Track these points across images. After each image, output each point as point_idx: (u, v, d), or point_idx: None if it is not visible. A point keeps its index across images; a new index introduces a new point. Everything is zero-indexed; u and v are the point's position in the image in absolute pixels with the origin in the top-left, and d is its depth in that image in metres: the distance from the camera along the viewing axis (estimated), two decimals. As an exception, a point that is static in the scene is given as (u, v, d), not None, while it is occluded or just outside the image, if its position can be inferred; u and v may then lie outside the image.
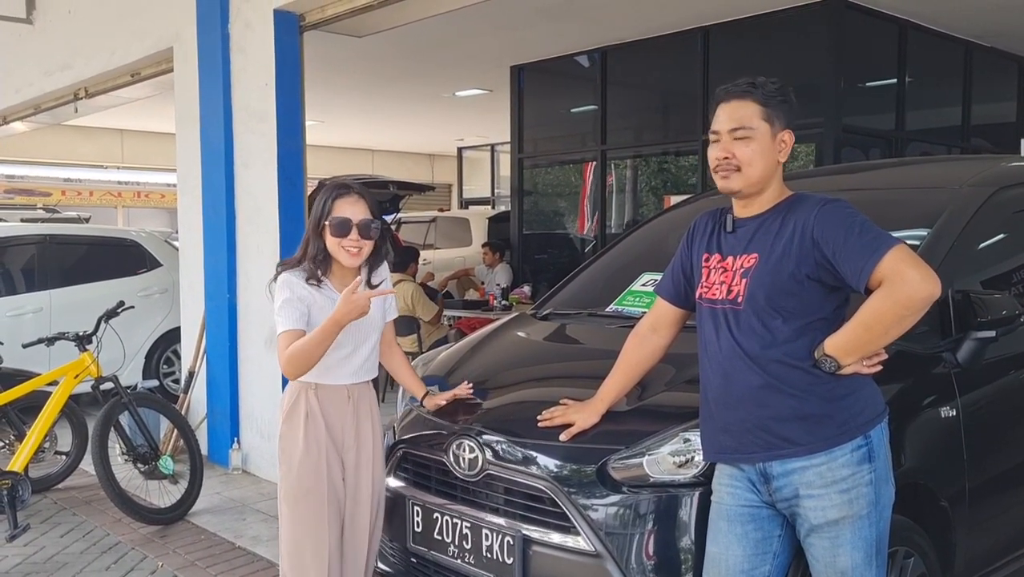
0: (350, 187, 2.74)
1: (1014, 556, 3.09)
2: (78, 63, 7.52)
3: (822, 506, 2.12)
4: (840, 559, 2.12)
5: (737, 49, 7.73)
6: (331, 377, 2.74)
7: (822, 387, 2.12)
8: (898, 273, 1.99)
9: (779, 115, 2.18)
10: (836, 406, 2.12)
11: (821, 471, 2.11)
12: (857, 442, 2.13)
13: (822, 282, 2.12)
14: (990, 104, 9.07)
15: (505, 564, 2.59)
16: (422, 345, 7.10)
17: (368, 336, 2.78)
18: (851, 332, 2.08)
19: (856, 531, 2.12)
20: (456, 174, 18.77)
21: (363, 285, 2.74)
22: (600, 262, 4.01)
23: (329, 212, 2.69)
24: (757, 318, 2.15)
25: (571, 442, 2.53)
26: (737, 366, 2.18)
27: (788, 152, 2.20)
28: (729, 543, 2.22)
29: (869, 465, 2.13)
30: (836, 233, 2.07)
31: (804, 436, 2.12)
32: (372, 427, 2.83)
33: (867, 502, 2.12)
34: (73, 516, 4.90)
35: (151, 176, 17.50)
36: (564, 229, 10.10)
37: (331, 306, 2.67)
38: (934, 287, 2.00)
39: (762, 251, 2.17)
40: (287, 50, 5.33)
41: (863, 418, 2.15)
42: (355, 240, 2.68)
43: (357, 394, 2.80)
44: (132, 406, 4.77)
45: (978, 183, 3.24)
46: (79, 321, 5.40)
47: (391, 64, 9.44)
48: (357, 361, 2.77)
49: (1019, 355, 3.07)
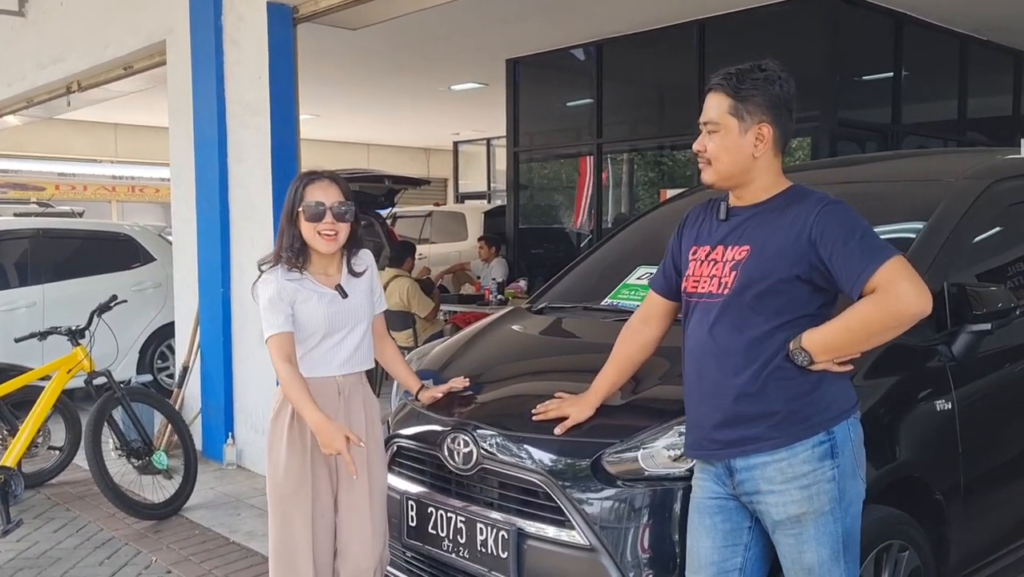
0: (321, 173, 2.72)
1: (1009, 549, 3.08)
2: (71, 56, 7.48)
3: (783, 502, 2.10)
4: (806, 555, 2.11)
5: (733, 42, 7.71)
6: (320, 369, 2.71)
7: (788, 384, 2.10)
8: (894, 284, 1.97)
9: (752, 108, 2.10)
10: (800, 403, 2.10)
11: (782, 467, 2.10)
12: (819, 438, 2.10)
13: (812, 283, 2.09)
14: (986, 98, 9.07)
15: (500, 558, 2.58)
16: (417, 340, 7.08)
17: (358, 324, 2.75)
18: (832, 331, 2.05)
19: (820, 527, 2.10)
20: (452, 168, 18.74)
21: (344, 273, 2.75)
22: (595, 256, 4.00)
23: (302, 198, 2.67)
24: (738, 312, 2.13)
25: (566, 436, 2.52)
26: (707, 361, 2.17)
27: (766, 146, 2.12)
28: (700, 535, 2.22)
29: (831, 461, 2.10)
30: (836, 236, 2.03)
31: (767, 432, 2.10)
32: (366, 422, 2.79)
33: (829, 498, 2.10)
34: (66, 511, 4.88)
35: (145, 170, 17.42)
36: (560, 223, 10.08)
37: (315, 299, 2.66)
38: (926, 305, 1.98)
39: (755, 244, 2.13)
40: (280, 43, 5.30)
41: (828, 414, 2.12)
42: (330, 224, 2.66)
43: (348, 389, 2.76)
44: (126, 401, 4.75)
45: (974, 176, 3.24)
46: (72, 316, 5.37)
47: (386, 58, 9.41)
48: (346, 350, 2.74)
49: (1014, 348, 3.06)
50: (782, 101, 2.12)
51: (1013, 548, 3.10)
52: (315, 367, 2.71)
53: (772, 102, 2.11)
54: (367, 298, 2.80)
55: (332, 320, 2.68)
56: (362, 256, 2.83)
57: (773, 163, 2.17)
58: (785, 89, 2.13)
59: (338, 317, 2.68)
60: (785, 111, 2.14)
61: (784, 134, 2.16)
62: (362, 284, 2.79)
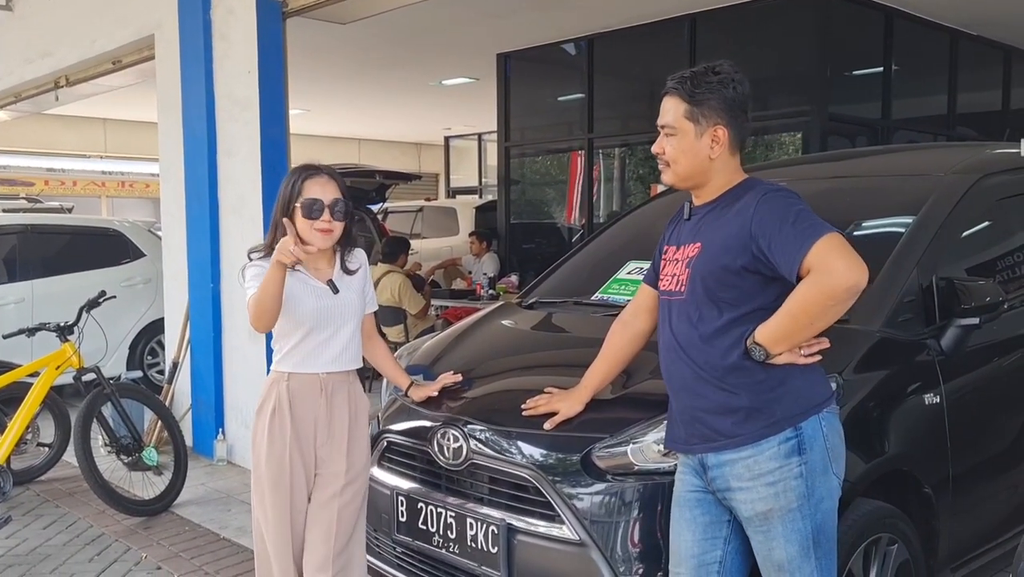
0: (319, 168, 2.69)
1: (997, 542, 3.10)
2: (59, 51, 7.43)
3: (751, 499, 2.10)
4: (775, 552, 2.11)
5: (724, 37, 7.72)
6: (306, 365, 2.69)
7: (751, 380, 2.09)
8: (825, 263, 1.96)
9: (707, 112, 2.13)
10: (765, 399, 2.09)
11: (748, 464, 2.09)
12: (786, 435, 2.09)
13: (760, 273, 2.09)
14: (976, 92, 9.10)
15: (490, 553, 2.58)
16: (408, 335, 7.08)
17: (346, 322, 2.72)
18: (778, 321, 2.05)
19: (787, 524, 2.09)
20: (443, 163, 18.70)
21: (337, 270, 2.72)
22: (586, 251, 4.00)
23: (299, 193, 2.63)
24: (696, 308, 2.14)
25: (556, 431, 2.52)
26: (673, 358, 2.19)
27: (722, 147, 2.14)
28: (680, 529, 2.23)
29: (799, 458, 2.09)
30: (771, 224, 2.04)
31: (733, 428, 2.11)
32: (350, 419, 2.73)
33: (797, 495, 2.08)
34: (56, 508, 4.86)
35: (135, 166, 17.34)
36: (551, 218, 10.08)
37: (307, 291, 2.64)
38: (859, 277, 1.96)
39: (705, 240, 2.16)
40: (270, 37, 5.28)
41: (795, 410, 2.10)
42: (327, 221, 2.63)
43: (332, 386, 2.71)
44: (115, 397, 4.73)
45: (963, 170, 3.25)
46: (61, 312, 5.34)
47: (376, 52, 9.38)
48: (335, 348, 2.70)
49: (1002, 342, 3.08)
50: (736, 103, 2.15)
51: (1001, 541, 3.12)
52: (301, 363, 2.68)
53: (726, 105, 2.14)
54: (358, 297, 2.77)
55: (320, 315, 2.65)
56: (356, 255, 2.80)
57: (730, 162, 2.19)
58: (739, 91, 2.15)
59: (326, 312, 2.66)
60: (740, 112, 2.16)
61: (739, 134, 2.18)
62: (354, 282, 2.76)
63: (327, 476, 2.71)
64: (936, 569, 2.79)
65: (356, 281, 2.77)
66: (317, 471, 2.72)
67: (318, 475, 2.72)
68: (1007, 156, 3.62)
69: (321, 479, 2.71)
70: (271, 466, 2.67)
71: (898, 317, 2.73)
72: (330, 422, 2.70)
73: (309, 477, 2.72)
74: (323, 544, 2.67)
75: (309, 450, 2.70)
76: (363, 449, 2.79)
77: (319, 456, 2.71)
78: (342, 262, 2.75)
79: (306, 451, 2.69)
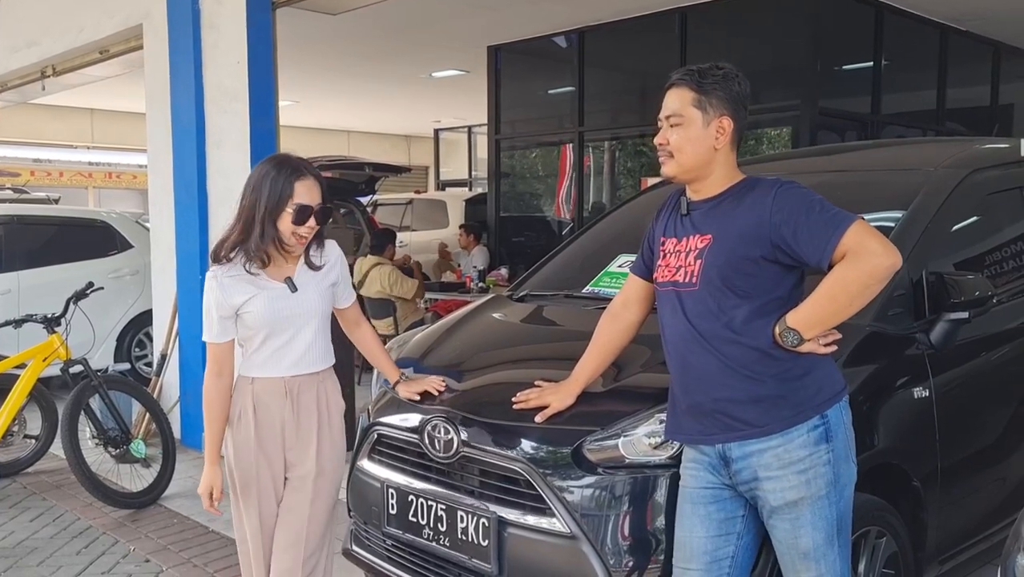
0: (305, 168, 2.54)
1: (984, 535, 3.12)
2: (45, 40, 7.36)
3: (780, 488, 2.12)
4: (802, 540, 2.13)
5: (714, 31, 7.72)
6: (267, 370, 2.58)
7: (778, 368, 2.12)
8: (862, 245, 2.03)
9: (714, 101, 2.18)
10: (791, 387, 2.13)
11: (778, 453, 2.12)
12: (813, 422, 2.13)
13: (778, 262, 2.13)
14: (965, 88, 9.13)
15: (480, 546, 2.58)
16: (398, 327, 7.07)
17: (307, 322, 2.58)
18: (815, 304, 2.09)
19: (816, 511, 2.12)
20: (433, 156, 18.67)
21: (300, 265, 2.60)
22: (577, 244, 4.00)
23: (290, 196, 2.48)
24: (712, 299, 2.16)
25: (547, 424, 2.52)
26: (693, 349, 2.19)
27: (727, 139, 2.19)
28: (692, 525, 2.23)
29: (827, 445, 2.13)
30: (796, 213, 2.08)
31: (760, 418, 2.12)
32: (319, 421, 2.62)
33: (825, 482, 2.13)
34: (43, 501, 4.84)
35: (122, 157, 17.20)
36: (541, 211, 10.08)
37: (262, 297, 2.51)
38: (896, 257, 2.05)
39: (716, 232, 2.18)
40: (260, 27, 5.24)
41: (820, 398, 2.15)
42: (312, 227, 2.52)
43: (298, 388, 2.59)
44: (103, 389, 4.71)
45: (952, 165, 3.26)
46: (48, 303, 5.30)
47: (367, 44, 9.34)
48: (296, 352, 2.57)
49: (991, 336, 3.10)
50: (740, 98, 2.21)
51: (989, 533, 3.13)
52: (263, 367, 2.58)
53: (732, 97, 2.20)
54: (323, 294, 2.62)
55: (275, 318, 2.53)
56: (328, 248, 2.66)
57: (730, 157, 2.23)
58: (743, 87, 2.22)
59: (282, 315, 2.53)
60: (742, 108, 2.22)
61: (741, 129, 2.24)
62: (319, 279, 2.62)
63: (295, 480, 2.62)
64: (924, 562, 2.80)
65: (324, 277, 2.63)
66: (287, 475, 2.63)
67: (288, 479, 2.63)
68: (996, 151, 3.64)
69: (290, 484, 2.63)
70: (239, 474, 2.61)
71: (888, 311, 2.74)
72: (297, 425, 2.59)
73: (278, 482, 2.63)
74: (292, 548, 2.60)
75: (277, 454, 2.60)
76: (335, 450, 2.67)
77: (288, 460, 2.62)
78: (307, 258, 2.61)
79: (274, 456, 2.60)
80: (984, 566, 3.29)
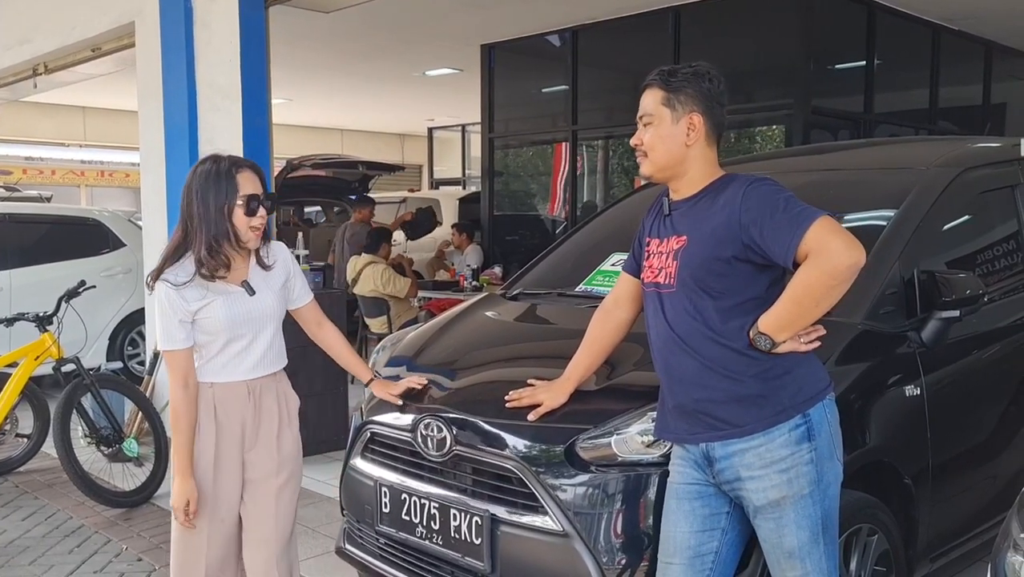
0: (242, 161, 2.52)
1: (975, 532, 3.14)
2: (37, 37, 7.34)
3: (763, 487, 2.12)
4: (786, 539, 2.14)
5: (707, 30, 7.72)
6: (227, 374, 2.55)
7: (757, 368, 2.12)
8: (823, 244, 2.00)
9: (683, 99, 2.18)
10: (772, 386, 2.12)
11: (760, 452, 2.12)
12: (795, 421, 2.12)
13: (751, 262, 2.12)
14: (957, 87, 9.16)
15: (473, 544, 2.58)
16: (392, 326, 7.06)
17: (265, 325, 2.57)
18: (782, 307, 2.08)
19: (800, 510, 2.12)
20: (427, 154, 18.64)
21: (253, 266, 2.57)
22: (570, 242, 4.00)
23: (237, 188, 2.44)
24: (689, 300, 2.16)
25: (539, 422, 2.52)
26: (674, 351, 2.20)
27: (698, 135, 2.19)
28: (677, 520, 2.24)
29: (809, 444, 2.13)
30: (762, 212, 2.07)
31: (742, 417, 2.12)
32: (279, 421, 2.62)
33: (808, 481, 2.12)
34: (35, 500, 4.82)
35: (115, 155, 17.16)
36: (535, 210, 10.07)
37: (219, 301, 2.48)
38: (859, 255, 2.01)
39: (691, 232, 2.19)
40: (252, 25, 5.23)
41: (801, 397, 2.14)
42: (263, 216, 2.49)
43: (259, 389, 2.59)
44: (95, 388, 4.70)
45: (944, 164, 3.27)
46: (40, 302, 5.29)
47: (360, 42, 9.32)
48: (255, 355, 2.56)
49: (982, 335, 3.11)
50: (712, 95, 2.20)
51: (979, 531, 3.15)
52: (220, 373, 2.55)
53: (702, 94, 2.20)
54: (276, 296, 2.61)
55: (235, 323, 2.50)
56: (273, 248, 2.64)
57: (707, 153, 2.22)
58: (715, 84, 2.21)
59: (241, 319, 2.51)
60: (716, 104, 2.21)
61: (716, 126, 2.22)
62: (272, 279, 2.61)
63: (258, 480, 2.61)
64: (915, 559, 2.81)
65: (275, 277, 2.62)
66: (246, 475, 2.61)
67: (248, 480, 2.61)
68: (989, 150, 3.65)
69: (252, 484, 2.61)
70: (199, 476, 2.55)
71: (880, 309, 2.75)
72: (258, 425, 2.59)
73: (234, 489, 2.60)
74: (264, 545, 2.60)
75: (236, 458, 2.58)
76: (295, 446, 2.68)
77: (247, 460, 2.60)
78: (257, 257, 2.59)
79: (232, 461, 2.58)
80: (974, 563, 3.31)
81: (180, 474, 2.51)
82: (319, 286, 5.73)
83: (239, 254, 2.52)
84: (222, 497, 2.58)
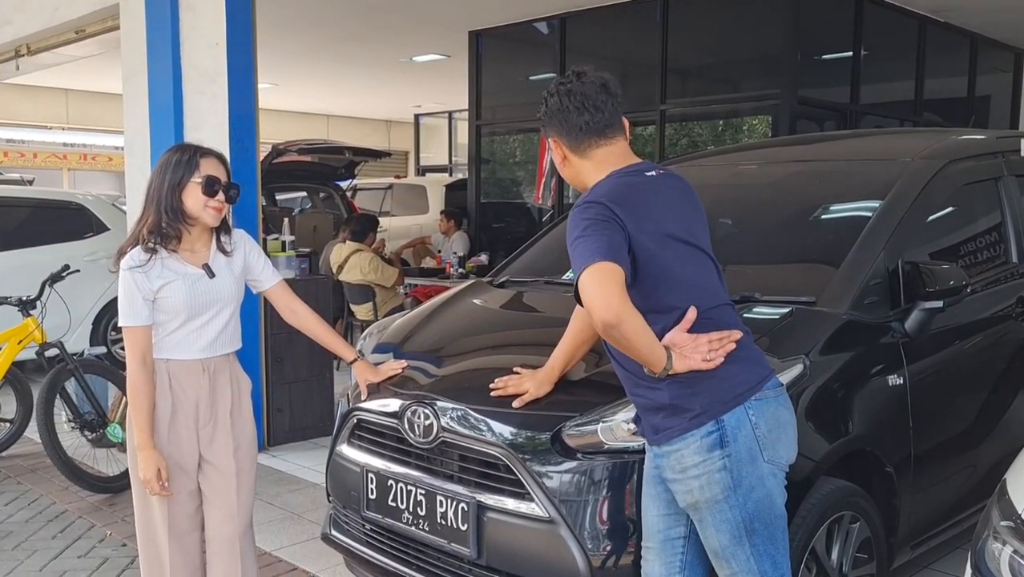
0: (209, 150, 2.64)
1: (955, 520, 3.18)
2: (19, 19, 7.25)
3: (681, 491, 2.14)
4: (709, 540, 2.16)
5: (695, 19, 7.72)
6: (182, 352, 2.63)
7: (671, 378, 2.08)
8: (585, 298, 1.98)
9: (546, 129, 2.26)
10: (684, 394, 2.09)
11: (678, 457, 2.12)
12: (707, 429, 2.08)
13: None
14: (942, 79, 9.21)
15: (459, 530, 2.59)
16: (378, 313, 7.05)
17: (224, 307, 2.67)
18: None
19: (716, 514, 2.11)
20: (413, 141, 18.59)
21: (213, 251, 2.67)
22: (557, 230, 4.00)
23: (196, 168, 2.57)
24: None
25: (526, 409, 2.53)
26: (611, 358, 2.24)
27: (564, 154, 2.23)
28: (647, 504, 2.28)
29: (721, 451, 2.08)
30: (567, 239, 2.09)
31: (662, 424, 2.14)
32: (232, 400, 2.71)
33: (722, 488, 2.08)
34: (18, 485, 4.80)
35: (98, 138, 17.00)
36: (522, 198, 10.07)
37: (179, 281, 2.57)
38: (604, 317, 1.93)
39: None
40: (238, 8, 5.17)
41: (716, 403, 2.09)
42: (222, 201, 2.60)
43: (213, 368, 2.68)
44: (79, 373, 4.67)
45: (929, 156, 3.29)
46: (23, 286, 5.24)
47: (347, 26, 9.26)
48: (210, 334, 2.65)
49: (965, 325, 3.14)
50: (552, 113, 2.23)
51: (960, 519, 3.19)
52: (175, 350, 2.63)
53: (548, 116, 2.25)
54: (238, 279, 2.72)
55: (195, 302, 2.60)
56: (235, 236, 2.75)
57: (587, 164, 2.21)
58: (550, 104, 2.23)
59: (202, 299, 2.61)
60: (559, 121, 2.21)
61: (575, 137, 2.20)
62: (232, 265, 2.71)
63: (215, 457, 2.68)
64: (897, 546, 2.85)
65: (235, 263, 2.72)
66: (202, 453, 2.68)
67: (204, 458, 2.69)
68: (973, 142, 3.68)
69: (208, 463, 2.69)
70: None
71: (864, 300, 2.77)
72: (213, 402, 2.67)
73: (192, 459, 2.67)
74: (230, 521, 2.70)
75: (190, 436, 2.66)
76: (249, 425, 2.78)
77: (201, 437, 2.67)
78: (218, 243, 2.70)
79: (187, 438, 2.65)
80: (955, 551, 3.35)
81: (144, 448, 2.58)
82: (305, 272, 5.71)
83: (189, 233, 2.62)
84: (175, 470, 2.65)
